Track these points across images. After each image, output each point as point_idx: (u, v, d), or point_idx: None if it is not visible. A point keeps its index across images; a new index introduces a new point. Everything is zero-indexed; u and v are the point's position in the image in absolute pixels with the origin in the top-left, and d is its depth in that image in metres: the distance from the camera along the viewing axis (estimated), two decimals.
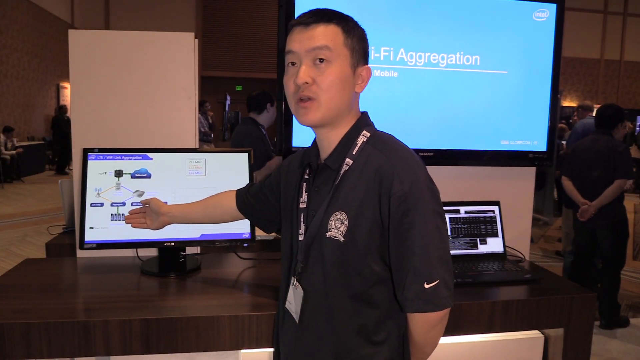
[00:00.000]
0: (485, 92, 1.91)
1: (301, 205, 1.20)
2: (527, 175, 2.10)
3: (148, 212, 1.61)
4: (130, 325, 1.35)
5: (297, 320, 1.18)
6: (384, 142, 1.13)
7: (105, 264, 1.82)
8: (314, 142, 1.22)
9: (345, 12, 1.13)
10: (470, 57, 1.88)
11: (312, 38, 1.08)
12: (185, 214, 1.58)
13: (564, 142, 6.40)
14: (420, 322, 1.10)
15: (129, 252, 1.87)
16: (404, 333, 1.16)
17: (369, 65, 1.16)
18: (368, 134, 1.14)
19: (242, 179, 1.80)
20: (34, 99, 12.73)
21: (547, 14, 1.93)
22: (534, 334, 1.69)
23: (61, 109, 12.78)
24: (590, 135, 3.99)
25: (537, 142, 1.99)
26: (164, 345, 1.37)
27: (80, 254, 1.88)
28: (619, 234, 3.76)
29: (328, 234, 1.11)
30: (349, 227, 1.08)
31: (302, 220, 1.19)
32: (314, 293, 1.15)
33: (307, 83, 1.08)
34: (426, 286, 1.04)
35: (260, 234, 2.23)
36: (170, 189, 1.77)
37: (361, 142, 1.13)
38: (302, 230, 1.18)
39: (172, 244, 1.75)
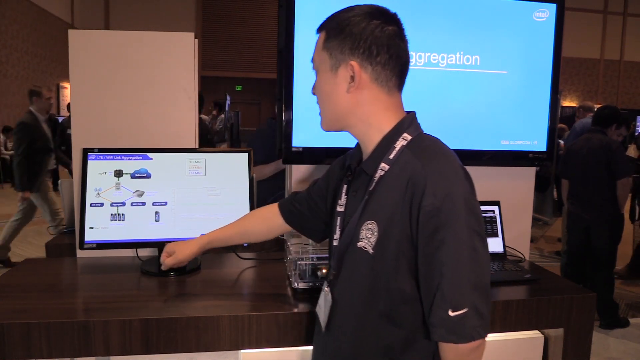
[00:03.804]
0: (485, 92, 1.91)
1: (338, 209, 1.15)
2: (527, 175, 2.10)
3: (179, 259, 1.48)
4: (130, 325, 1.35)
5: (323, 328, 1.15)
6: (423, 148, 1.03)
7: (105, 264, 1.81)
8: (358, 142, 1.16)
9: None
10: (470, 57, 1.88)
11: None
12: (223, 239, 1.49)
13: (561, 142, 6.41)
14: (447, 351, 0.99)
15: (128, 252, 1.87)
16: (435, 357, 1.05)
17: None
18: (409, 137, 1.05)
19: (242, 179, 1.80)
20: None
21: (547, 14, 1.93)
22: (534, 334, 1.69)
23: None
24: (584, 134, 4.01)
25: (537, 142, 1.99)
26: (163, 345, 1.37)
27: (80, 254, 1.88)
28: (614, 232, 3.77)
29: (359, 244, 1.05)
30: (378, 239, 1.01)
31: (337, 224, 1.14)
32: (342, 304, 1.10)
33: (314, 94, 1.13)
34: (451, 314, 0.94)
35: None
36: (170, 189, 1.77)
37: (400, 145, 1.04)
38: (336, 236, 1.14)
39: None
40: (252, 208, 1.81)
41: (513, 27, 1.91)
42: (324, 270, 1.54)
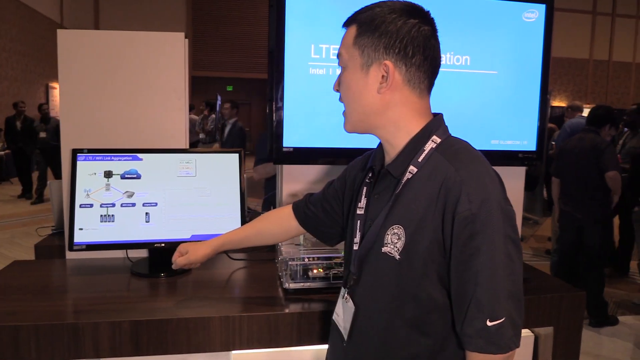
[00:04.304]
0: (476, 92, 1.92)
1: (358, 212, 1.11)
2: (517, 175, 2.11)
3: (191, 259, 1.44)
4: (120, 326, 1.34)
5: (345, 337, 1.11)
6: (455, 152, 0.99)
7: (95, 266, 1.80)
8: (380, 144, 1.12)
9: (335, 14, 1.11)
10: (461, 57, 1.88)
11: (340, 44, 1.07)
12: (236, 241, 1.45)
13: (553, 143, 6.45)
14: None
15: (118, 254, 1.86)
16: None
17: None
18: (438, 140, 1.02)
19: (232, 179, 1.80)
20: (23, 99, 12.60)
21: (536, 14, 1.94)
22: (524, 332, 1.69)
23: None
24: (577, 134, 4.05)
25: (527, 141, 2.00)
26: (154, 346, 1.36)
27: (69, 255, 1.87)
28: (606, 230, 3.81)
29: (383, 249, 1.01)
30: (405, 244, 0.97)
31: (357, 227, 1.10)
32: (366, 310, 1.07)
33: (338, 91, 1.08)
34: (489, 324, 0.91)
35: None
36: (160, 190, 1.76)
37: (429, 148, 1.01)
38: (357, 239, 1.10)
39: (163, 245, 1.74)
40: (243, 208, 1.81)
41: (503, 27, 1.92)
42: (315, 271, 1.54)
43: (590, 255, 3.85)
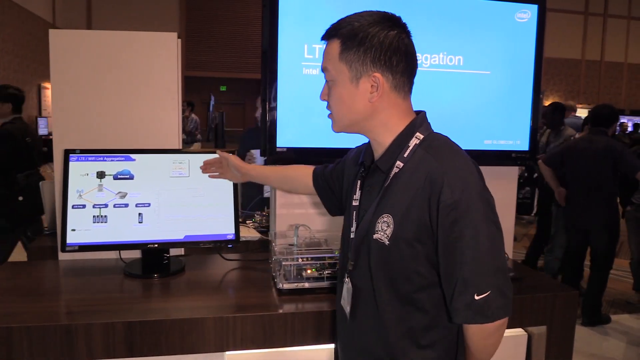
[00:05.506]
0: (469, 92, 1.92)
1: (354, 203, 1.22)
2: (510, 175, 2.12)
3: (224, 164, 1.73)
4: (114, 328, 1.34)
5: (348, 316, 1.20)
6: (437, 147, 1.10)
7: (88, 267, 1.79)
8: (369, 142, 1.22)
9: (328, 14, 1.12)
10: (454, 57, 1.89)
11: (322, 58, 1.15)
12: (263, 176, 1.70)
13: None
14: (473, 332, 1.08)
15: (111, 255, 1.85)
16: (459, 339, 1.14)
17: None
18: (421, 136, 1.12)
19: (225, 180, 1.79)
20: None
21: (528, 14, 1.95)
22: (518, 331, 1.70)
23: None
24: (586, 135, 4.00)
25: (520, 141, 2.01)
26: (148, 348, 1.36)
27: (62, 256, 1.86)
28: (612, 235, 3.79)
29: (375, 236, 1.11)
30: (394, 231, 1.07)
31: (354, 217, 1.21)
32: (364, 292, 1.16)
33: (326, 100, 1.17)
34: (476, 297, 1.01)
35: (244, 235, 2.22)
36: (153, 190, 1.75)
37: (413, 144, 1.11)
38: (353, 228, 1.20)
39: (156, 245, 1.73)
40: (236, 208, 1.81)
41: (495, 27, 1.92)
42: (308, 271, 1.54)
43: (596, 257, 3.84)
